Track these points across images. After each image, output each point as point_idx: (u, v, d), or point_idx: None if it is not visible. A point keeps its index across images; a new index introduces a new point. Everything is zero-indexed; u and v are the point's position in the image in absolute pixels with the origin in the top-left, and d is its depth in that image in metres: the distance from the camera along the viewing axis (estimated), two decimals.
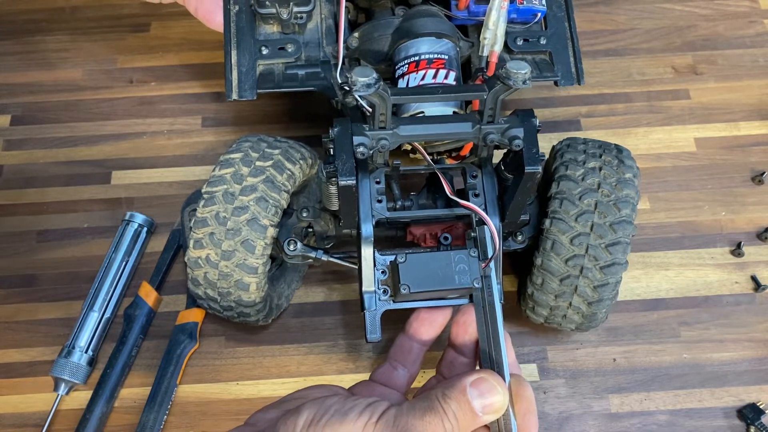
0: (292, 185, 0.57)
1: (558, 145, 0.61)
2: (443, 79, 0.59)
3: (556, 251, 0.56)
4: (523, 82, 0.47)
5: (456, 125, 0.53)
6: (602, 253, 0.56)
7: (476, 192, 0.57)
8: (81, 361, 0.65)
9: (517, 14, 0.65)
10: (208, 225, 0.56)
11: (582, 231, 0.56)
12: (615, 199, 0.56)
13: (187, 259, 0.57)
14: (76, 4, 0.86)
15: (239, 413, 0.64)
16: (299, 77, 0.64)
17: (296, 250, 0.60)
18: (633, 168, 0.58)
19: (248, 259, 0.55)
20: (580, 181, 0.57)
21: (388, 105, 0.50)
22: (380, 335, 0.54)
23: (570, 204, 0.56)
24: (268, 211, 0.55)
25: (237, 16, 0.65)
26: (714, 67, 0.80)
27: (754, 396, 0.64)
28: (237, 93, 0.63)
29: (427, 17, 0.61)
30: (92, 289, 0.68)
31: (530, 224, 0.61)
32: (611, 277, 0.56)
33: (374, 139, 0.52)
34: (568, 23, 0.67)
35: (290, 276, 0.67)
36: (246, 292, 0.57)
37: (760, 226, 0.71)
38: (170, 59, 0.82)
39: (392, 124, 0.52)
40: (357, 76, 0.46)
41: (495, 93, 0.50)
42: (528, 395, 0.44)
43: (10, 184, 0.75)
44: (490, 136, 0.52)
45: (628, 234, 0.56)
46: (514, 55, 0.65)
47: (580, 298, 0.57)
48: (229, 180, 0.56)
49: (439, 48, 0.60)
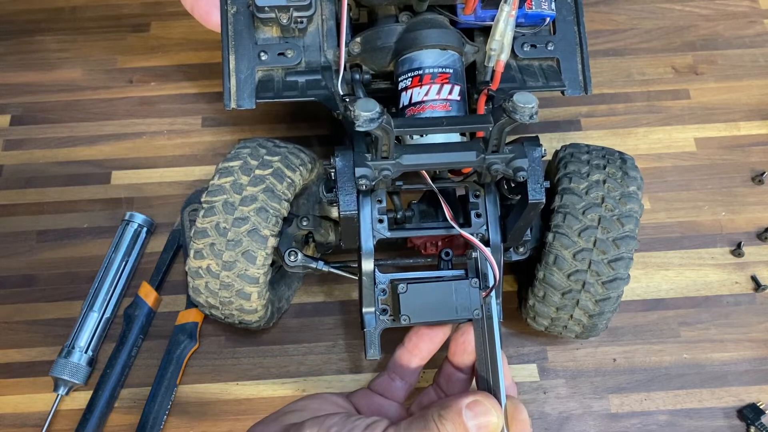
0: (292, 193, 0.57)
1: (561, 152, 0.61)
2: (448, 95, 0.57)
3: (558, 266, 0.56)
4: (530, 117, 0.46)
5: (460, 154, 0.52)
6: (605, 269, 0.55)
7: (478, 212, 0.56)
8: (81, 361, 0.65)
9: (525, 19, 0.63)
10: (209, 236, 0.55)
11: (585, 246, 0.55)
12: (619, 214, 0.56)
13: (188, 269, 0.57)
14: (76, 4, 0.86)
15: (239, 413, 0.64)
16: (299, 85, 0.61)
17: (297, 261, 0.59)
18: (637, 179, 0.58)
19: (249, 270, 0.55)
20: (584, 195, 0.56)
21: (391, 137, 0.49)
22: (380, 353, 0.54)
23: (573, 219, 0.56)
24: (269, 222, 0.55)
25: (234, 18, 0.62)
26: (714, 67, 0.80)
27: (754, 396, 0.64)
28: (235, 102, 0.61)
29: (432, 28, 0.59)
30: (92, 289, 0.68)
31: (533, 235, 0.60)
32: (613, 292, 0.56)
33: (377, 170, 0.51)
34: (578, 28, 0.65)
35: (290, 278, 0.67)
36: (247, 301, 0.57)
37: (760, 226, 0.71)
38: (170, 59, 0.82)
39: (395, 153, 0.51)
40: (360, 110, 0.45)
41: (500, 126, 0.49)
42: (523, 418, 0.44)
43: (9, 184, 0.75)
44: (494, 167, 0.52)
45: (631, 249, 0.56)
46: (521, 61, 0.64)
47: (581, 311, 0.57)
48: (228, 190, 0.56)
49: (444, 61, 0.58)
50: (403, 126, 0.51)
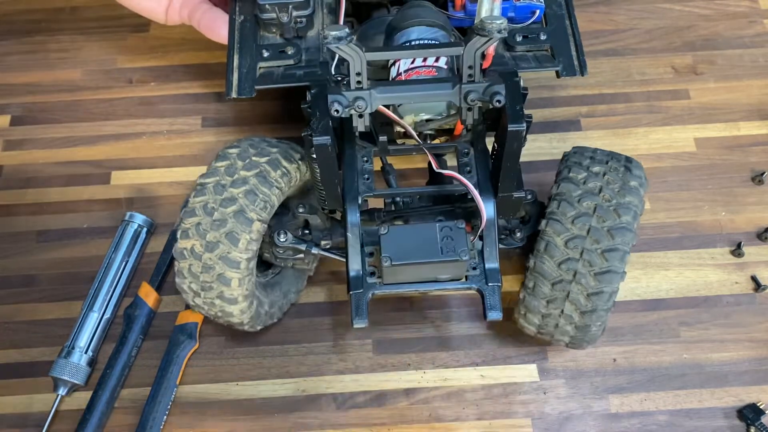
0: (286, 183, 0.57)
1: (568, 152, 0.61)
2: (434, 62, 0.57)
3: (549, 253, 0.55)
4: (499, 31, 0.46)
5: (436, 86, 0.52)
6: (597, 259, 0.54)
7: (468, 169, 0.56)
8: (81, 361, 0.65)
9: (515, 12, 0.64)
10: (196, 215, 0.55)
11: (578, 234, 0.54)
12: (616, 205, 0.55)
13: (174, 251, 0.57)
14: (76, 4, 0.86)
15: (239, 413, 0.64)
16: (297, 76, 0.64)
17: (287, 241, 0.59)
18: (640, 178, 0.57)
19: (231, 253, 0.55)
20: (582, 184, 0.56)
21: (362, 62, 0.49)
22: (367, 320, 0.52)
23: (568, 205, 0.55)
24: (256, 205, 0.55)
25: (241, 25, 0.67)
26: (714, 67, 0.80)
27: (754, 396, 0.64)
28: (236, 91, 0.64)
29: (418, 8, 0.61)
30: (92, 290, 0.68)
31: (530, 224, 0.60)
32: (606, 286, 0.54)
33: (350, 99, 0.51)
34: (569, 20, 0.66)
35: (288, 286, 0.66)
36: (228, 288, 0.56)
37: (760, 226, 0.71)
38: (170, 59, 0.82)
39: (370, 86, 0.51)
40: (329, 30, 0.46)
41: (472, 46, 0.49)
42: None
43: (9, 185, 0.75)
44: (471, 95, 0.51)
45: (627, 242, 0.54)
46: (515, 52, 0.65)
47: (572, 305, 0.56)
48: (222, 172, 0.56)
49: (430, 35, 0.59)
50: (372, 50, 0.51)
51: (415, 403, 0.64)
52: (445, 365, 0.66)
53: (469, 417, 0.64)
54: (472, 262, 0.54)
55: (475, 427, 0.63)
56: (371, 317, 0.54)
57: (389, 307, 0.68)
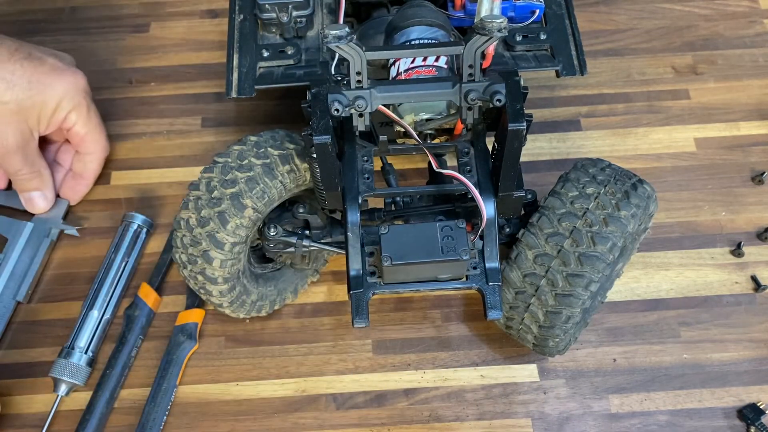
0: (292, 180, 0.57)
1: (577, 161, 0.59)
2: (434, 62, 0.57)
3: (518, 263, 0.55)
4: (498, 30, 0.46)
5: (436, 85, 0.52)
6: (561, 281, 0.54)
7: (468, 169, 0.56)
8: (81, 361, 0.64)
9: (515, 12, 0.65)
10: (199, 189, 0.57)
11: (549, 252, 0.54)
12: (595, 232, 0.53)
13: (174, 219, 0.58)
14: (76, 4, 0.86)
15: (239, 414, 0.64)
16: (297, 75, 0.65)
17: (277, 235, 0.59)
18: (639, 207, 0.54)
19: (219, 233, 0.56)
20: (568, 204, 0.55)
21: (363, 61, 0.50)
22: (367, 320, 0.52)
23: (547, 221, 0.55)
24: (254, 192, 0.56)
25: (241, 24, 0.67)
26: (714, 67, 0.80)
27: (754, 396, 0.64)
28: (236, 91, 0.64)
29: (418, 8, 0.61)
30: (92, 290, 0.68)
31: (517, 224, 0.60)
32: (565, 309, 0.54)
33: (350, 98, 0.51)
34: (569, 20, 0.66)
35: (285, 284, 0.66)
36: (210, 266, 0.57)
37: (760, 226, 0.71)
38: (170, 59, 0.82)
39: (370, 85, 0.51)
40: (329, 29, 0.46)
41: (472, 46, 0.49)
42: None
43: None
44: (471, 94, 0.51)
45: (597, 271, 0.53)
46: (515, 51, 0.65)
47: (531, 317, 0.56)
48: (235, 155, 0.57)
49: (430, 34, 0.59)
50: (372, 49, 0.51)
51: (414, 403, 0.64)
52: (445, 365, 0.66)
53: (469, 417, 0.64)
54: (473, 261, 0.54)
55: (475, 427, 0.63)
56: (371, 317, 0.54)
57: (389, 307, 0.68)
